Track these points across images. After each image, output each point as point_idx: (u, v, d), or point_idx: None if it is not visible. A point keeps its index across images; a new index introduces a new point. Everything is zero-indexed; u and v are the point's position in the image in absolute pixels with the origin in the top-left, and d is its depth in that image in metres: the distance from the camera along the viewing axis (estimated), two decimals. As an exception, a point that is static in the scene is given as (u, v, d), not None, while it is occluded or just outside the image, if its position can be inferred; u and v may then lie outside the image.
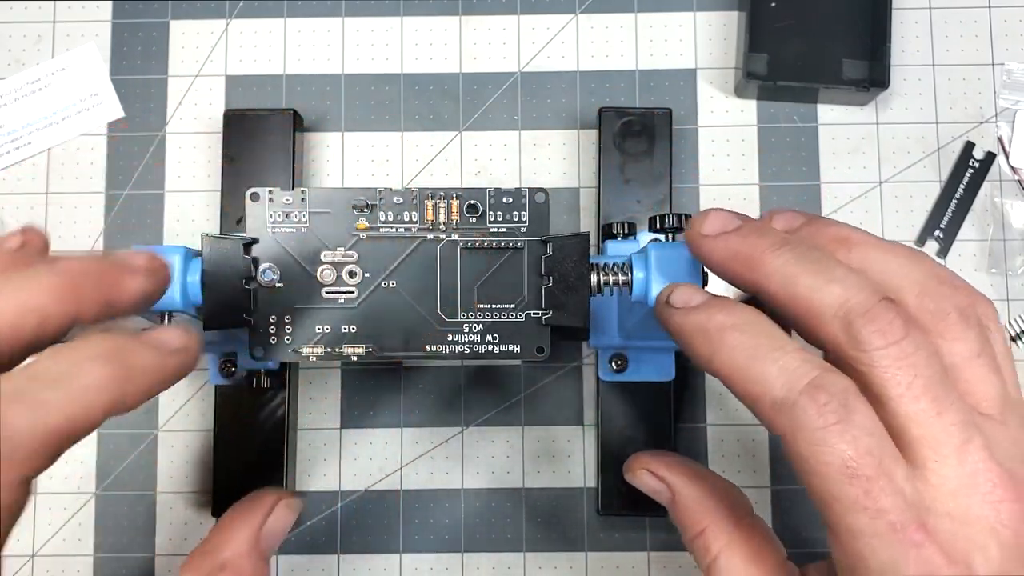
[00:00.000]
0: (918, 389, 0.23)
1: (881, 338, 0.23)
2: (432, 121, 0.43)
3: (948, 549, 0.22)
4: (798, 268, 0.25)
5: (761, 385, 0.24)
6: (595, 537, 0.40)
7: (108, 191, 0.42)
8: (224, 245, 0.30)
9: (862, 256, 0.26)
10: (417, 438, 0.41)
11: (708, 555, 0.28)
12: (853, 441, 0.22)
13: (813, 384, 0.23)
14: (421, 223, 0.31)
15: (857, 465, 0.22)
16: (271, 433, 0.39)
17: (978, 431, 0.23)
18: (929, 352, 0.23)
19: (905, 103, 0.43)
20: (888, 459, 0.23)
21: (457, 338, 0.31)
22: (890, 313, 0.23)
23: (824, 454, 0.23)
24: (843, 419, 0.23)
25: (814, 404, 0.23)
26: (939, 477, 0.23)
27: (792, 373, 0.23)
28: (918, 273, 0.25)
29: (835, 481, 0.23)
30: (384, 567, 0.40)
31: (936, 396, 0.23)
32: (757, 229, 0.26)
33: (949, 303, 0.25)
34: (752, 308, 0.26)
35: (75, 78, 0.43)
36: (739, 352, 0.24)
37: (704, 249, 0.27)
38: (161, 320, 0.31)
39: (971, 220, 0.42)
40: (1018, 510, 0.23)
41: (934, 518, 0.23)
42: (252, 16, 0.43)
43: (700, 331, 0.26)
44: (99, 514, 0.41)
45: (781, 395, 0.23)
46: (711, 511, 0.28)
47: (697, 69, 0.43)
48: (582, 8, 0.43)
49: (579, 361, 0.41)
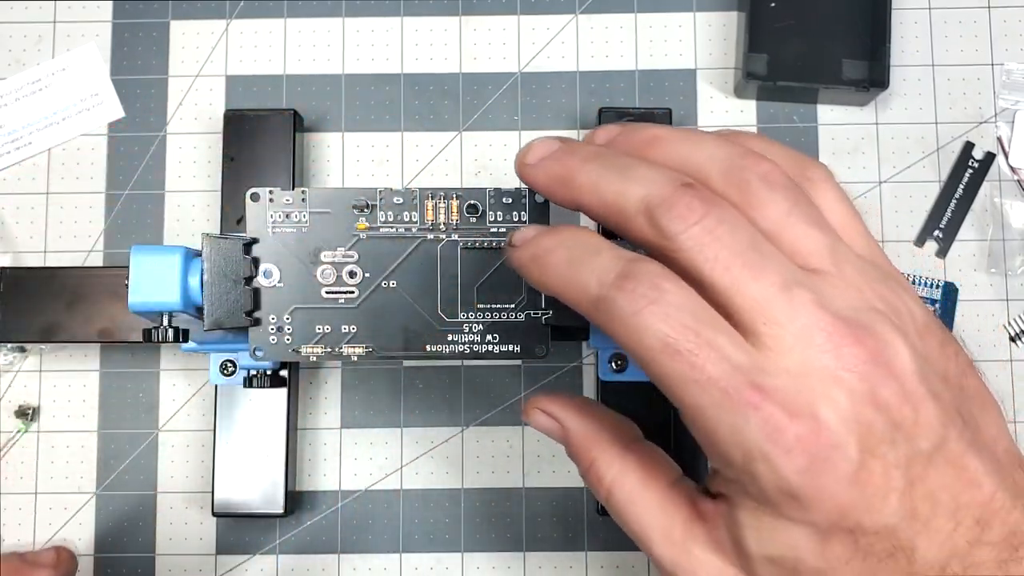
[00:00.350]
0: (727, 260, 0.23)
1: (681, 222, 0.24)
2: (432, 121, 0.43)
3: (789, 405, 0.22)
4: (604, 175, 0.25)
5: (580, 289, 0.25)
6: (595, 537, 0.40)
7: (108, 191, 0.42)
8: (224, 245, 0.30)
9: (668, 151, 0.26)
10: (417, 438, 0.41)
11: (602, 486, 0.28)
12: (666, 319, 0.23)
13: (621, 275, 0.24)
14: (421, 223, 0.31)
15: (676, 340, 0.23)
16: (271, 433, 0.39)
17: (802, 286, 0.23)
18: (734, 223, 0.24)
19: (905, 103, 0.43)
20: (708, 329, 0.23)
21: (457, 338, 0.31)
22: (687, 196, 0.24)
23: (643, 337, 0.23)
24: (654, 300, 0.23)
25: (623, 292, 0.23)
26: (772, 339, 0.23)
27: (603, 271, 0.24)
28: (721, 153, 0.26)
29: (661, 361, 0.23)
30: (384, 567, 0.40)
31: (748, 262, 0.23)
32: (570, 149, 0.27)
33: (750, 173, 0.25)
34: (575, 227, 0.27)
35: (75, 78, 0.43)
36: (562, 266, 0.25)
37: (528, 178, 0.28)
38: (161, 322, 0.31)
39: (971, 220, 0.42)
40: (860, 353, 0.23)
41: (770, 378, 0.23)
42: (252, 16, 0.43)
43: (531, 259, 0.26)
44: (99, 514, 0.41)
45: (596, 292, 0.24)
46: (599, 441, 0.29)
47: (697, 69, 0.43)
48: (582, 8, 0.43)
49: (579, 361, 0.41)
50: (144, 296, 0.31)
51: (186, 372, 0.41)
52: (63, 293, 0.37)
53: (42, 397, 0.41)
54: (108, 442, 0.41)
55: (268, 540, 0.40)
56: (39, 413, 0.41)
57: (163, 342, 0.31)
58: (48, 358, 0.41)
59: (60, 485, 0.41)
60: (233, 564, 0.40)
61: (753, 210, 0.25)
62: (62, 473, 0.41)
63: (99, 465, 0.41)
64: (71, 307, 0.37)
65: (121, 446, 0.41)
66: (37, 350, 0.41)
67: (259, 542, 0.40)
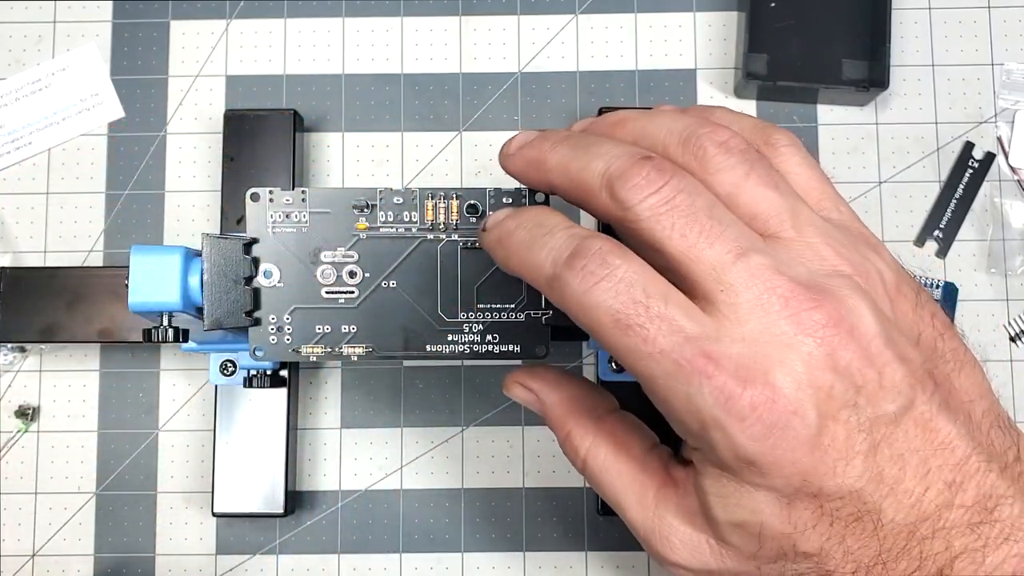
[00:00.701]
0: (683, 227, 0.23)
1: (638, 192, 0.24)
2: (432, 121, 0.43)
3: (742, 373, 0.22)
4: (570, 155, 0.26)
5: (536, 269, 0.25)
6: (595, 537, 0.40)
7: (108, 191, 0.42)
8: (224, 245, 0.30)
9: (631, 128, 0.27)
10: (417, 438, 0.41)
11: (578, 456, 0.29)
12: (616, 294, 0.23)
13: (572, 253, 0.24)
14: (421, 223, 0.31)
15: (626, 314, 0.23)
16: (271, 433, 0.39)
17: (759, 251, 0.23)
18: (691, 191, 0.24)
19: (905, 103, 0.43)
20: (659, 301, 0.23)
21: (457, 338, 0.31)
22: (644, 168, 0.24)
23: (595, 314, 0.23)
24: (604, 277, 0.23)
25: (573, 271, 0.24)
26: (728, 306, 0.23)
27: (556, 250, 0.25)
28: (679, 125, 0.26)
29: (614, 336, 0.23)
30: (384, 567, 0.40)
31: (703, 229, 0.23)
32: (544, 135, 0.28)
33: (706, 140, 0.25)
34: (536, 207, 0.28)
35: (75, 78, 0.43)
36: (521, 247, 0.26)
37: (508, 166, 0.28)
38: (161, 322, 0.31)
39: (971, 220, 0.42)
40: (819, 317, 0.23)
41: (723, 346, 0.23)
42: (252, 16, 0.43)
43: (496, 241, 0.27)
44: (99, 514, 0.41)
45: (550, 272, 0.25)
46: (573, 412, 0.29)
47: (697, 69, 0.43)
48: (582, 8, 0.43)
49: (579, 361, 0.41)
50: (144, 296, 0.31)
51: (186, 372, 0.41)
52: (63, 293, 0.37)
53: (42, 397, 0.41)
54: (108, 442, 0.41)
55: (268, 540, 0.40)
56: (39, 413, 0.41)
57: (163, 342, 0.31)
58: (48, 358, 0.41)
59: (60, 485, 0.41)
60: (233, 564, 0.40)
61: (710, 175, 0.25)
62: (62, 473, 0.41)
63: (99, 465, 0.41)
64: (71, 307, 0.37)
65: (121, 446, 0.41)
66: (37, 350, 0.41)
67: (259, 542, 0.40)
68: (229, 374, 0.38)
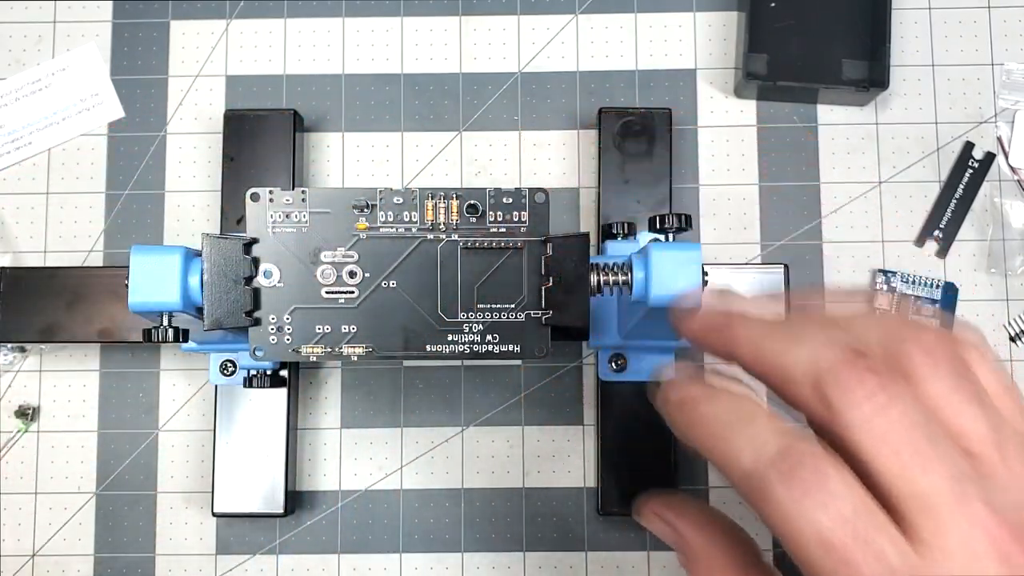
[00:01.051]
0: (897, 445, 0.22)
1: (851, 395, 0.22)
2: (432, 121, 0.43)
3: None
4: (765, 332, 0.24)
5: (731, 458, 0.23)
6: (595, 537, 0.40)
7: (108, 191, 0.42)
8: (224, 245, 0.30)
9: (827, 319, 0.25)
10: (417, 438, 0.41)
11: None
12: (825, 510, 0.21)
13: (780, 453, 0.22)
14: (421, 223, 0.31)
15: (833, 535, 0.21)
16: (271, 433, 0.39)
17: (972, 482, 0.22)
18: (905, 403, 0.22)
19: (905, 103, 0.43)
20: (867, 525, 0.21)
21: (457, 338, 0.31)
22: (858, 370, 0.22)
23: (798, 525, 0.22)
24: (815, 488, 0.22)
25: (782, 475, 0.22)
26: (936, 538, 0.21)
27: (759, 444, 0.23)
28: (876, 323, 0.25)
29: (812, 553, 0.21)
30: (384, 567, 0.40)
31: (919, 450, 0.22)
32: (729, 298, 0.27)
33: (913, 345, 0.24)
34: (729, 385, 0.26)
35: (75, 78, 0.43)
36: (710, 424, 0.24)
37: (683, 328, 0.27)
38: (161, 322, 0.31)
39: (971, 220, 0.42)
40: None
41: None
42: (252, 16, 0.43)
43: (677, 406, 0.25)
44: (99, 514, 0.41)
45: (749, 467, 0.23)
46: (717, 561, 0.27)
47: (697, 69, 0.43)
48: (582, 8, 0.43)
49: (579, 361, 0.41)
50: (144, 296, 0.31)
51: (186, 372, 0.41)
52: (63, 293, 0.37)
53: (42, 397, 0.41)
54: (108, 442, 0.41)
55: (268, 540, 0.40)
56: (39, 413, 0.41)
57: (163, 342, 0.31)
58: (48, 358, 0.41)
59: (60, 485, 0.41)
60: (233, 564, 0.40)
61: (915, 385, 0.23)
62: (62, 473, 0.41)
63: (99, 465, 0.41)
64: (71, 307, 0.37)
65: (121, 446, 0.41)
66: (37, 350, 0.41)
67: (259, 542, 0.40)
68: (229, 374, 0.38)
